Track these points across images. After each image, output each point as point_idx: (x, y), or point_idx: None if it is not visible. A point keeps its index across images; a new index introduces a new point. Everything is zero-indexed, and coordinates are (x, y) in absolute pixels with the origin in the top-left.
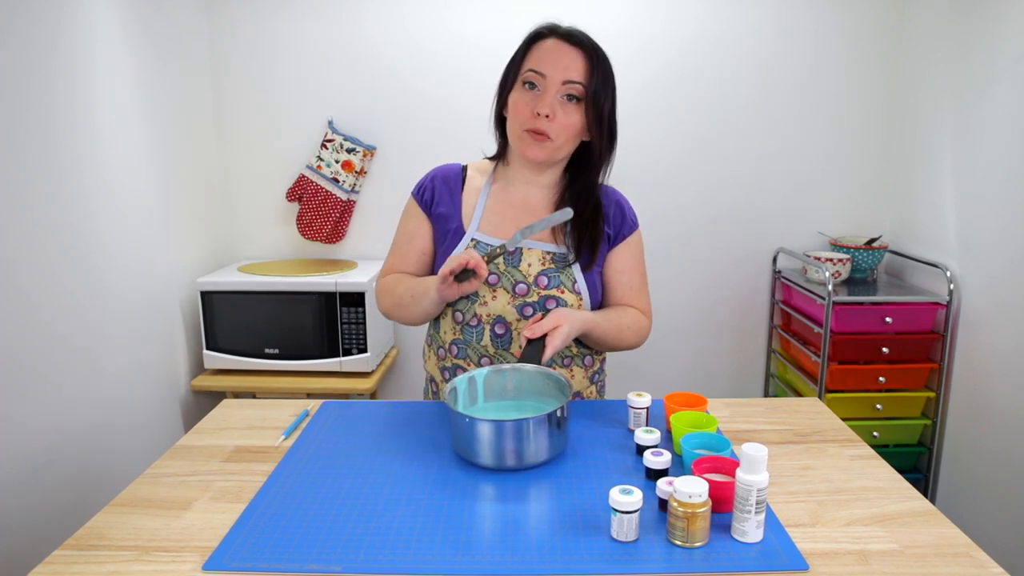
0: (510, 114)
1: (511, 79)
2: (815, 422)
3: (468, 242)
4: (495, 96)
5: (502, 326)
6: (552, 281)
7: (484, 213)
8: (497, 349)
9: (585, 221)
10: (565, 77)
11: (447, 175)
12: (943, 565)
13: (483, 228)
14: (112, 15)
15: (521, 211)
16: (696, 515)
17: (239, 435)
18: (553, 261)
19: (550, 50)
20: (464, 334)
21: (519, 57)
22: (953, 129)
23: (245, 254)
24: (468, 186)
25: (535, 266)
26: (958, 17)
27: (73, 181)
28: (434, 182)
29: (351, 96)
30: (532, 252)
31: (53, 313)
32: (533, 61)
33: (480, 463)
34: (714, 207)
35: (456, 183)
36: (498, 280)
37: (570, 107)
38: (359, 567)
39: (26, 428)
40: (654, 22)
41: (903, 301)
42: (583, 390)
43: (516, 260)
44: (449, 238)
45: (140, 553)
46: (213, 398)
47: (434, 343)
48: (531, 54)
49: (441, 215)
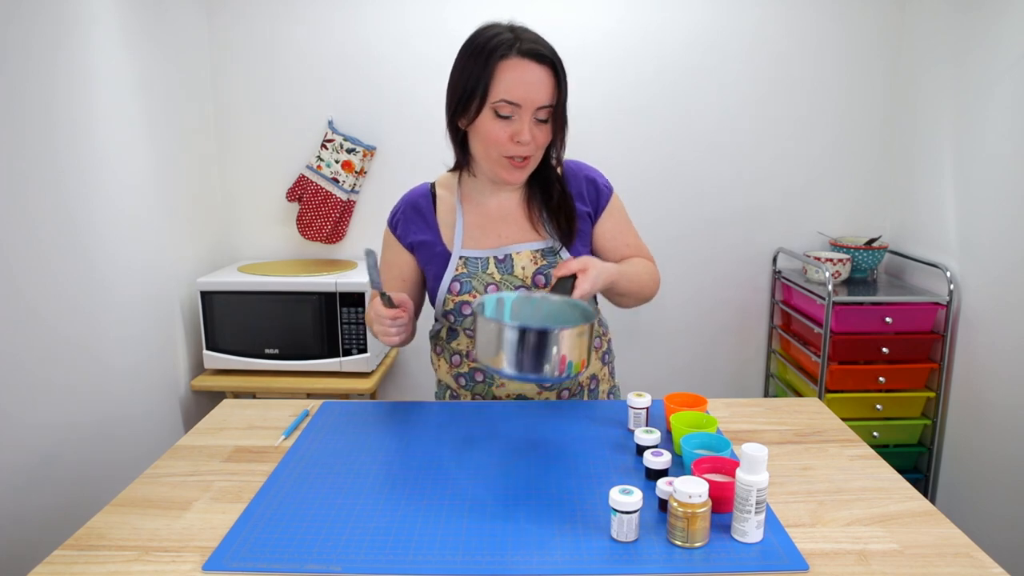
0: (483, 139)
1: (476, 100)
2: (815, 422)
3: (457, 260)
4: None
5: None
6: (548, 278)
7: (464, 230)
8: None
9: (556, 206)
10: (539, 103)
11: (415, 202)
12: (943, 565)
13: (467, 245)
14: (112, 15)
15: (499, 219)
16: (696, 515)
17: (239, 435)
18: (543, 257)
19: (519, 74)
20: None
21: (485, 79)
22: (953, 129)
23: (245, 254)
24: (440, 207)
25: (528, 267)
26: (958, 17)
27: (73, 181)
28: (405, 213)
29: (351, 96)
30: (521, 255)
31: (53, 313)
32: (503, 90)
33: (505, 371)
34: (714, 207)
35: (427, 206)
36: (497, 288)
37: (543, 126)
38: (359, 567)
39: (26, 428)
40: (651, 20)
41: (903, 301)
42: (596, 372)
43: (508, 266)
44: (436, 262)
45: (140, 553)
46: (213, 398)
47: (445, 351)
48: (498, 78)
49: (422, 243)
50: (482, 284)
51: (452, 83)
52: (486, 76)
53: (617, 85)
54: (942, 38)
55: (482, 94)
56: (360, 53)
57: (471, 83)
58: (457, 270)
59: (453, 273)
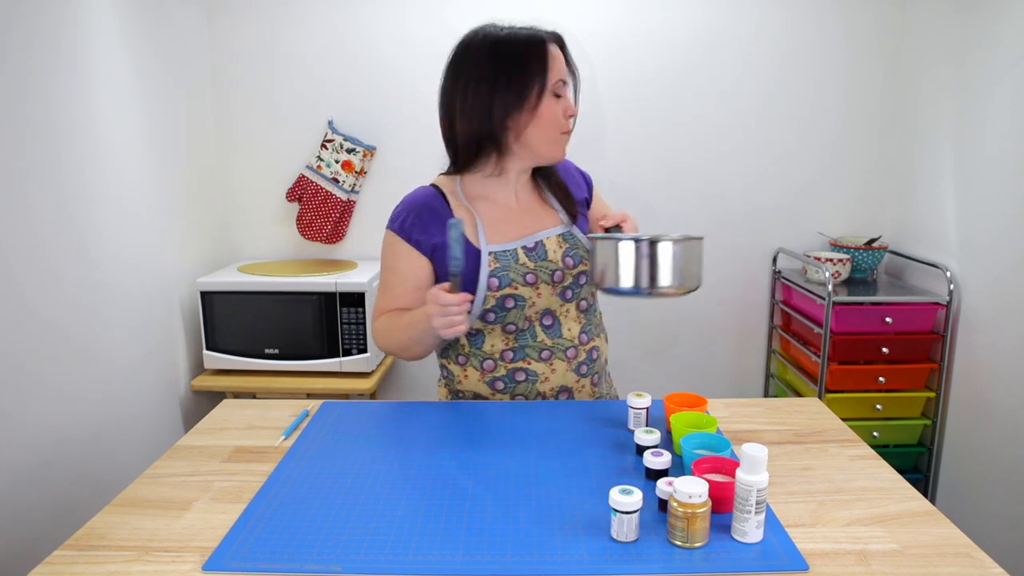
0: (545, 123)
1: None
2: (815, 422)
3: (487, 256)
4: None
5: (549, 317)
6: (575, 259)
7: (486, 226)
8: (552, 339)
9: (556, 182)
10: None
11: (428, 203)
12: (943, 565)
13: (492, 240)
14: (112, 16)
15: (517, 211)
16: (696, 515)
17: (239, 435)
18: (566, 240)
19: (557, 58)
20: (519, 340)
21: (542, 67)
22: (953, 129)
23: (245, 254)
24: (454, 206)
25: (557, 251)
26: (958, 17)
27: (73, 181)
28: (419, 216)
29: (351, 96)
30: (551, 240)
31: (53, 313)
32: (557, 71)
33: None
34: (714, 207)
35: (442, 207)
36: (536, 278)
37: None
38: (359, 567)
39: (26, 428)
40: (652, 20)
41: (903, 301)
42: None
43: (541, 252)
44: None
45: (140, 553)
46: (213, 398)
47: (473, 359)
48: (551, 64)
49: (443, 243)
50: (519, 275)
51: (489, 89)
52: (542, 64)
53: (617, 86)
54: (942, 38)
55: (541, 81)
56: (360, 53)
57: (526, 77)
58: (490, 265)
59: (488, 269)
